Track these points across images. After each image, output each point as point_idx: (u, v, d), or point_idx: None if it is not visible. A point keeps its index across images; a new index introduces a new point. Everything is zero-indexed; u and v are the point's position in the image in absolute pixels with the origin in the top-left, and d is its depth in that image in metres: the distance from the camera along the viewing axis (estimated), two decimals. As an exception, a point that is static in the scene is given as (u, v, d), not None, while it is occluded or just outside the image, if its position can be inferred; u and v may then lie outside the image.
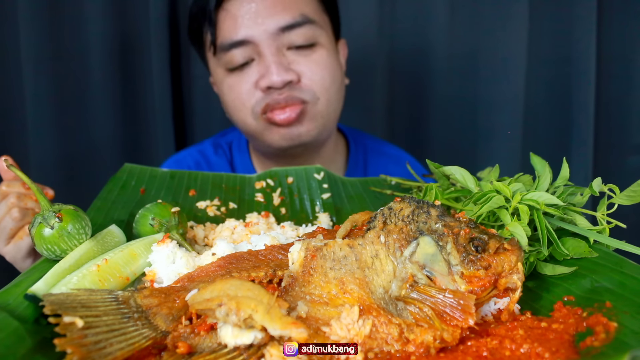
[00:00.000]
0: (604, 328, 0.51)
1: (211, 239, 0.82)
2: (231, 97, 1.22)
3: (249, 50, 1.16)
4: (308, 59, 1.18)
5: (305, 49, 1.19)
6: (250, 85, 1.18)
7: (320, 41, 1.20)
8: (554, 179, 0.75)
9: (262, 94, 1.17)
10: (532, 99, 1.88)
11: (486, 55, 1.85)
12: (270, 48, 1.15)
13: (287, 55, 1.17)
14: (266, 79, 1.14)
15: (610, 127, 1.92)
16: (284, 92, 1.16)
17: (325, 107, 1.22)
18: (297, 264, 0.58)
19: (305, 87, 1.18)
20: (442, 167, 0.80)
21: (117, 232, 0.76)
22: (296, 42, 1.17)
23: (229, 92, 1.21)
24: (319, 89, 1.20)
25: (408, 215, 0.63)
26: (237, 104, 1.21)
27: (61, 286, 0.60)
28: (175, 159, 1.44)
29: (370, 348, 0.50)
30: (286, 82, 1.15)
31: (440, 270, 0.57)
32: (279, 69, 1.14)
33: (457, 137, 1.92)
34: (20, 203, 0.88)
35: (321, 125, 1.23)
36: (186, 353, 0.49)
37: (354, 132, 1.50)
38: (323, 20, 1.23)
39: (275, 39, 1.15)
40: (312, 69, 1.18)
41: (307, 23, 1.17)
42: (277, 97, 1.16)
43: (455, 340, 0.52)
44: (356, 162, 1.43)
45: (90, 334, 0.48)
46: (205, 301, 0.50)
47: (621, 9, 1.87)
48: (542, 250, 0.66)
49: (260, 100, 1.17)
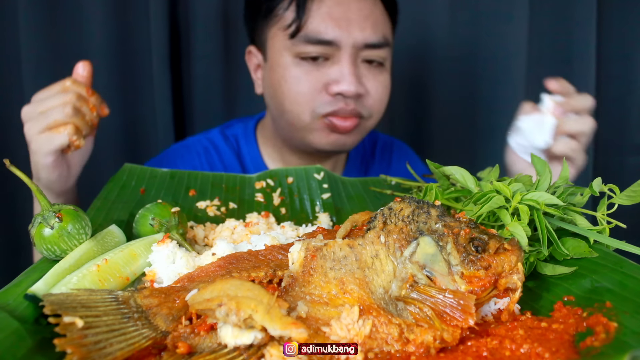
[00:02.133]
0: (604, 328, 0.51)
1: (211, 239, 0.82)
2: (295, 89, 1.20)
3: (329, 49, 1.17)
4: (375, 78, 1.23)
5: (375, 67, 1.23)
6: (321, 85, 1.18)
7: (386, 64, 1.26)
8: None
9: (330, 98, 1.18)
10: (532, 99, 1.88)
11: (486, 55, 1.85)
12: (351, 57, 1.18)
13: (360, 68, 1.20)
14: (341, 86, 1.16)
15: (610, 127, 1.92)
16: (351, 104, 1.19)
17: (374, 124, 1.29)
18: (297, 264, 0.58)
19: (367, 104, 1.22)
20: (442, 167, 0.80)
21: (117, 232, 0.76)
22: (371, 58, 1.21)
23: (294, 82, 1.20)
24: (376, 108, 1.25)
25: (408, 216, 0.63)
26: (299, 98, 1.20)
27: (61, 286, 0.60)
28: (183, 144, 1.43)
29: (370, 348, 0.50)
30: (358, 95, 1.18)
31: (441, 270, 0.57)
32: (355, 80, 1.17)
33: (457, 137, 1.92)
34: (76, 102, 0.91)
35: (362, 137, 1.30)
36: (186, 353, 0.49)
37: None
38: (391, 42, 1.29)
39: (357, 51, 1.18)
40: (377, 88, 1.23)
41: (386, 46, 1.23)
42: (345, 107, 1.19)
43: (455, 341, 0.52)
44: (355, 156, 1.47)
45: (90, 334, 0.48)
46: (205, 301, 0.50)
47: (621, 9, 1.87)
48: (542, 250, 0.66)
49: (326, 104, 1.19)
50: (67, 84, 0.93)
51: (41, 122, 0.90)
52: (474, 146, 1.92)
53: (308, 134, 1.23)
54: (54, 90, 0.92)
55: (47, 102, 0.91)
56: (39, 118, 0.90)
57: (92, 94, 0.95)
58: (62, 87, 0.92)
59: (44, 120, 0.90)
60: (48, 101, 0.91)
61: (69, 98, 0.90)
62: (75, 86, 0.93)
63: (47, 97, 0.91)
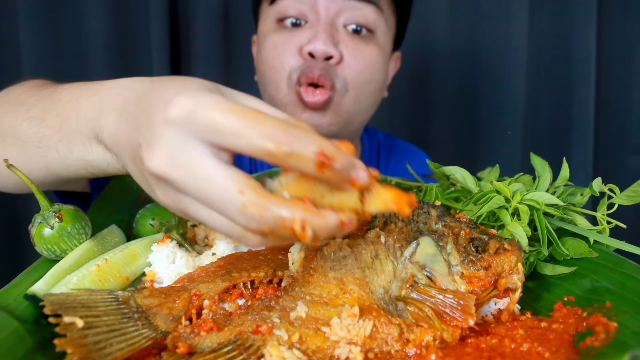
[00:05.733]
0: (604, 328, 0.51)
1: (211, 239, 0.82)
2: (272, 55, 1.15)
3: (305, 7, 1.11)
4: (357, 47, 1.12)
5: (359, 37, 1.13)
6: (295, 48, 1.12)
7: (378, 37, 1.15)
8: (554, 179, 0.75)
9: (302, 61, 1.11)
10: (532, 99, 1.88)
11: (486, 55, 1.85)
12: (327, 15, 1.10)
13: (340, 33, 1.12)
14: (311, 45, 1.08)
15: (610, 127, 1.92)
16: (320, 65, 1.09)
17: (352, 103, 1.15)
18: (297, 264, 0.58)
19: (341, 72, 1.11)
20: (442, 167, 0.80)
21: (117, 232, 0.76)
22: (355, 20, 1.11)
23: (272, 49, 1.15)
24: (353, 81, 1.13)
25: (408, 216, 0.63)
26: (276, 63, 1.14)
27: (61, 286, 0.60)
28: None
29: (370, 348, 0.50)
30: (328, 56, 1.09)
31: (441, 270, 0.57)
32: (327, 40, 1.08)
33: (457, 137, 1.92)
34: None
35: (343, 122, 1.17)
36: (186, 353, 0.49)
37: (368, 128, 1.47)
38: (389, 19, 1.18)
39: (336, 5, 1.10)
40: (356, 57, 1.12)
41: (374, 5, 1.12)
42: (312, 67, 1.09)
43: (455, 341, 0.52)
44: (370, 157, 1.41)
45: (90, 334, 0.48)
46: None
47: (621, 9, 1.87)
48: (542, 250, 0.66)
49: (299, 66, 1.11)
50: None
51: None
52: (474, 146, 1.92)
53: (285, 110, 1.15)
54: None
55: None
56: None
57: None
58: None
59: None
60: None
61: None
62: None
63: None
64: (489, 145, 1.90)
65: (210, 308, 0.56)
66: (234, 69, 1.83)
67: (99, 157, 0.63)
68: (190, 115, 0.46)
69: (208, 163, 0.46)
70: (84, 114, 0.63)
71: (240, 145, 0.45)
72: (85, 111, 0.63)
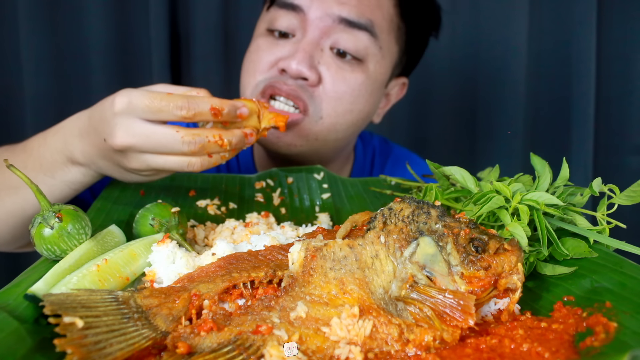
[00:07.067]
0: (604, 328, 0.51)
1: (211, 239, 0.82)
2: (251, 58, 1.10)
3: (296, 21, 1.05)
4: (339, 72, 1.05)
5: (344, 62, 1.06)
6: (274, 58, 1.06)
7: (367, 65, 1.07)
8: (554, 179, 0.75)
9: (275, 74, 1.05)
10: (532, 99, 1.88)
11: (486, 55, 1.85)
12: (314, 34, 1.04)
13: (325, 55, 1.05)
14: (286, 62, 1.03)
15: (610, 127, 1.92)
16: (290, 84, 1.03)
17: (326, 132, 1.08)
18: (297, 264, 0.58)
19: (317, 96, 1.05)
20: (442, 167, 0.80)
21: (117, 232, 0.76)
22: (343, 46, 1.04)
23: (254, 51, 1.10)
24: (329, 108, 1.06)
25: (408, 216, 0.63)
26: (250, 67, 1.09)
27: (61, 286, 0.60)
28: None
29: (370, 348, 0.50)
30: (300, 77, 1.03)
31: (440, 270, 0.57)
32: (304, 59, 1.02)
33: (457, 137, 1.93)
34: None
35: (309, 147, 1.10)
36: (186, 353, 0.49)
37: (363, 133, 1.41)
38: (387, 47, 1.11)
39: (326, 26, 1.04)
40: (336, 83, 1.05)
41: (367, 32, 1.05)
42: (280, 83, 1.03)
43: (455, 341, 0.52)
44: (363, 167, 1.37)
45: (90, 334, 0.48)
46: None
47: (621, 9, 1.87)
48: (542, 251, 0.66)
49: (268, 78, 1.05)
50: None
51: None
52: (474, 146, 1.92)
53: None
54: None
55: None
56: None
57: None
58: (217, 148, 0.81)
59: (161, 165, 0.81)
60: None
61: (215, 161, 0.80)
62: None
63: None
64: (489, 145, 1.90)
65: (210, 308, 0.56)
66: (234, 69, 1.83)
67: (76, 172, 0.86)
68: (129, 104, 0.73)
69: (151, 126, 0.74)
70: (54, 148, 0.85)
71: (165, 116, 0.74)
72: (55, 145, 0.85)
